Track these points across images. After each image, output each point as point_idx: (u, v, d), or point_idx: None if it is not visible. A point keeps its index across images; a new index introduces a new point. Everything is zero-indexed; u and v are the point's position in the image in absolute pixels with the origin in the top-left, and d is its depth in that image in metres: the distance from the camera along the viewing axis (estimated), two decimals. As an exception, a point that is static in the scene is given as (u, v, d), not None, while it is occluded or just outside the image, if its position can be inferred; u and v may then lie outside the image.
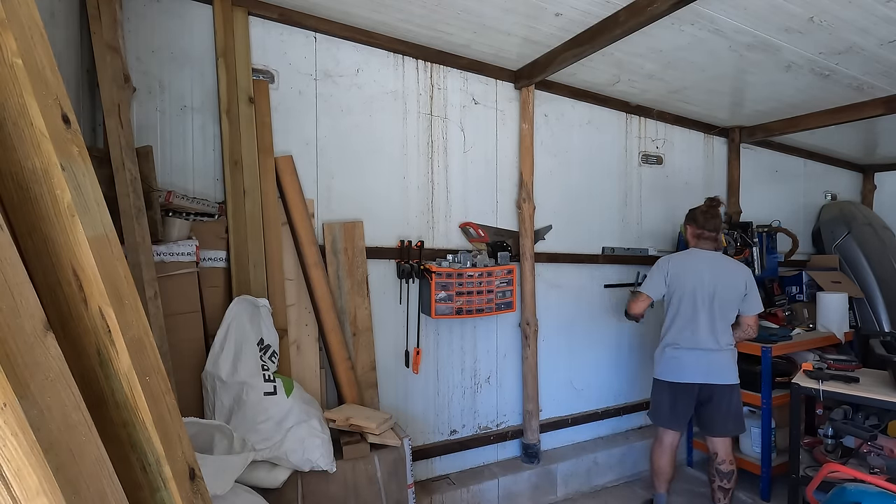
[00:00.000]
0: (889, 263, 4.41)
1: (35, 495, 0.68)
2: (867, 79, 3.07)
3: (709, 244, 2.71)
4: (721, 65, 2.91)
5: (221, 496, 1.53)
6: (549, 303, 3.33)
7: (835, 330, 3.51)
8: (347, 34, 2.61)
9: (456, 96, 2.98)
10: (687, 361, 2.63)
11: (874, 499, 1.66)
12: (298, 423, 2.03)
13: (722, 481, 2.64)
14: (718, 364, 2.61)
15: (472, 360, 3.07)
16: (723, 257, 2.72)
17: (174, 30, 2.26)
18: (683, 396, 2.65)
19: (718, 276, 2.62)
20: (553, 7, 2.34)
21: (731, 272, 2.65)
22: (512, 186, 3.19)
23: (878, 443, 2.62)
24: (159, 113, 2.24)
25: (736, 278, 2.63)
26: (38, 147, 0.85)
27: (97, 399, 0.90)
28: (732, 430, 2.65)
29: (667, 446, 2.76)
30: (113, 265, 0.92)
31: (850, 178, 5.47)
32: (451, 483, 2.88)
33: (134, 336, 0.93)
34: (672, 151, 3.94)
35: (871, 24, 2.39)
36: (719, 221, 2.73)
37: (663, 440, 2.77)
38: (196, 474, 1.01)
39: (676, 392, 2.66)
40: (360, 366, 2.60)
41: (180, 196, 2.16)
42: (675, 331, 2.68)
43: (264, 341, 2.16)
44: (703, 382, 2.61)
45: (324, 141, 2.59)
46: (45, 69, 0.88)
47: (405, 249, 2.75)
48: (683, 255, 2.76)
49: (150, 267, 1.96)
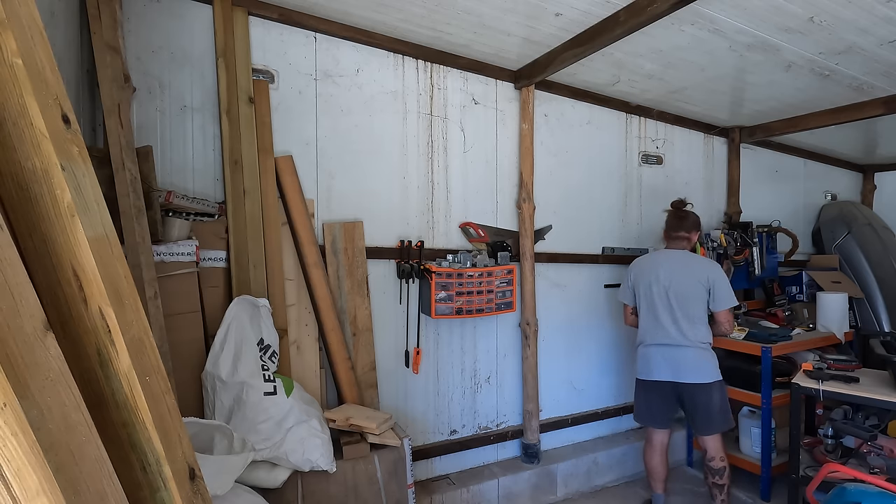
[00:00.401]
0: (889, 263, 4.40)
1: (35, 495, 0.68)
2: (867, 79, 3.07)
3: (680, 244, 2.76)
4: (721, 65, 2.91)
5: (221, 496, 1.53)
6: (549, 303, 3.33)
7: (835, 330, 3.51)
8: (347, 34, 2.61)
9: (456, 96, 2.98)
10: (654, 358, 2.67)
11: (874, 499, 1.66)
12: (298, 423, 2.03)
13: (714, 478, 2.66)
14: (686, 361, 2.59)
15: (472, 360, 3.07)
16: (686, 254, 2.72)
17: (174, 30, 2.26)
18: (656, 394, 2.69)
19: (674, 272, 2.65)
20: (553, 7, 2.34)
21: (690, 268, 2.64)
22: (512, 186, 3.19)
23: (878, 443, 2.62)
24: (159, 113, 2.24)
25: (695, 273, 2.61)
26: (38, 147, 0.85)
27: (97, 399, 0.90)
28: (718, 427, 2.62)
29: (656, 445, 2.79)
30: (113, 265, 0.92)
31: (850, 178, 5.47)
32: (451, 483, 2.88)
33: (134, 336, 0.92)
34: (672, 151, 3.94)
35: (871, 24, 2.39)
36: (688, 222, 2.75)
37: (652, 440, 2.80)
38: (196, 474, 1.01)
39: (649, 390, 2.72)
40: (360, 366, 2.60)
41: (180, 196, 2.16)
42: (642, 329, 2.77)
43: (264, 341, 2.16)
44: (674, 381, 2.62)
45: (324, 141, 2.59)
46: (45, 69, 0.88)
47: (405, 249, 2.75)
48: (646, 257, 2.86)
49: (150, 267, 1.96)
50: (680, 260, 2.70)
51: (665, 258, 2.73)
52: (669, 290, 2.63)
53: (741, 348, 3.20)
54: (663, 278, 2.66)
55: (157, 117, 2.23)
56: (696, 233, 2.76)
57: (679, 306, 2.61)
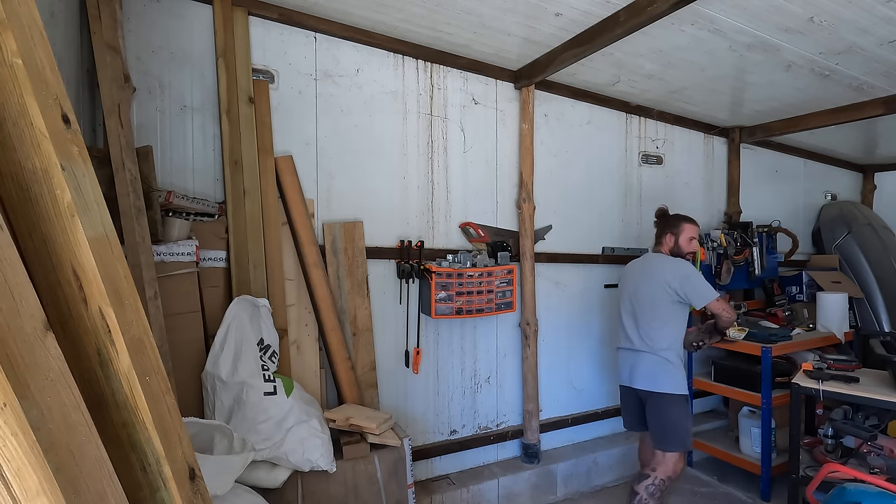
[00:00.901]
0: (889, 263, 4.40)
1: (35, 495, 0.68)
2: (867, 79, 3.07)
3: (659, 248, 2.65)
4: (721, 65, 2.91)
5: (221, 496, 1.53)
6: (549, 303, 3.33)
7: (835, 330, 3.51)
8: (347, 34, 2.61)
9: (456, 96, 2.98)
10: (619, 362, 2.66)
11: (874, 499, 1.66)
12: (298, 423, 2.03)
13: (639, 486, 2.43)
14: (642, 367, 2.47)
15: (472, 360, 3.07)
16: (654, 258, 2.60)
17: (174, 30, 2.26)
18: (626, 398, 2.66)
19: (638, 277, 2.59)
20: (553, 7, 2.34)
21: (652, 272, 2.52)
22: (512, 186, 3.19)
23: (878, 443, 2.62)
24: (159, 113, 2.24)
25: (655, 278, 2.48)
26: (38, 147, 0.85)
27: (97, 399, 0.90)
28: (667, 444, 2.40)
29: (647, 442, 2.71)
30: (113, 265, 0.92)
31: (850, 178, 5.47)
32: (451, 483, 2.88)
33: (134, 336, 0.92)
34: (672, 151, 3.94)
35: (871, 24, 2.39)
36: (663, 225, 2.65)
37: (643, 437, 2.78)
38: (196, 474, 1.01)
39: (622, 393, 2.70)
40: (360, 366, 2.60)
41: (180, 196, 2.16)
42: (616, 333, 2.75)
43: (264, 341, 2.16)
44: (629, 385, 2.54)
45: (324, 141, 2.59)
46: (45, 69, 0.88)
47: (405, 249, 2.75)
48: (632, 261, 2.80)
49: (150, 267, 1.96)
50: (647, 265, 2.60)
51: (638, 263, 2.69)
52: (633, 295, 2.58)
53: (741, 348, 3.20)
54: (630, 283, 2.63)
55: (157, 117, 2.23)
56: (671, 235, 2.59)
57: (639, 311, 2.52)
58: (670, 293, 2.43)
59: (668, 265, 2.49)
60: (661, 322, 2.47)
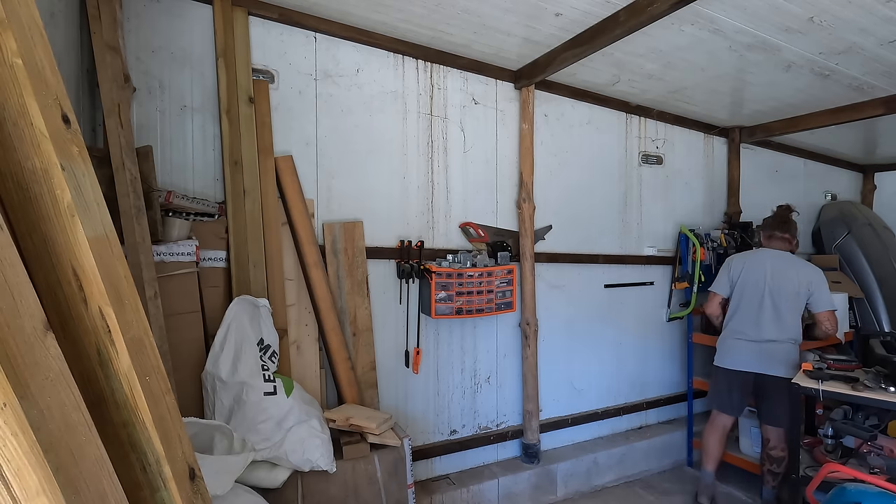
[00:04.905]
0: (889, 263, 4.40)
1: (35, 495, 0.68)
2: (867, 79, 3.07)
3: (779, 244, 2.92)
4: (721, 65, 2.91)
5: (221, 496, 1.53)
6: (549, 303, 3.33)
7: (835, 330, 3.51)
8: (347, 34, 2.61)
9: (456, 96, 2.98)
10: (743, 350, 2.84)
11: (874, 499, 1.67)
12: (298, 423, 2.03)
13: (772, 465, 2.83)
14: (775, 355, 2.75)
15: (472, 360, 3.07)
16: (791, 256, 2.88)
17: (174, 30, 2.26)
18: (737, 383, 2.85)
19: (780, 272, 2.80)
20: (553, 7, 2.34)
21: (796, 270, 2.79)
22: (512, 186, 3.19)
23: (878, 443, 2.62)
24: (159, 113, 2.24)
25: (799, 276, 2.77)
26: (38, 147, 0.85)
27: (97, 399, 0.90)
28: (788, 421, 2.73)
29: (718, 427, 2.96)
30: (113, 265, 0.92)
31: (850, 178, 5.47)
32: (451, 483, 2.88)
33: (134, 336, 0.93)
34: (672, 151, 3.94)
35: (871, 24, 2.39)
36: (792, 226, 2.92)
37: (715, 421, 2.97)
38: (196, 474, 1.01)
39: (731, 379, 2.87)
40: (360, 366, 2.60)
41: (180, 196, 2.16)
42: (737, 321, 2.89)
43: (264, 341, 2.16)
44: (758, 372, 2.78)
45: (324, 141, 2.59)
46: (45, 69, 0.88)
47: (405, 249, 2.75)
48: (748, 253, 3.00)
49: (150, 267, 1.96)
50: (786, 261, 2.85)
51: (770, 258, 2.87)
52: (774, 289, 2.79)
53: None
54: (769, 277, 2.81)
55: (157, 117, 2.23)
56: (793, 237, 2.93)
57: (783, 305, 2.77)
58: (807, 292, 2.76)
59: (810, 267, 2.82)
60: (798, 316, 2.81)
